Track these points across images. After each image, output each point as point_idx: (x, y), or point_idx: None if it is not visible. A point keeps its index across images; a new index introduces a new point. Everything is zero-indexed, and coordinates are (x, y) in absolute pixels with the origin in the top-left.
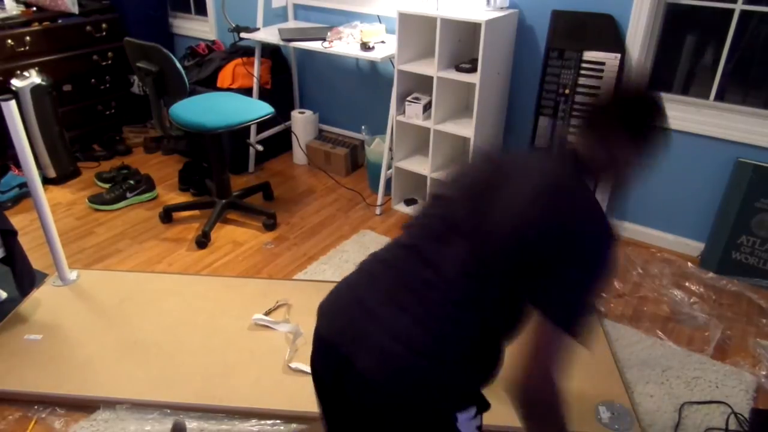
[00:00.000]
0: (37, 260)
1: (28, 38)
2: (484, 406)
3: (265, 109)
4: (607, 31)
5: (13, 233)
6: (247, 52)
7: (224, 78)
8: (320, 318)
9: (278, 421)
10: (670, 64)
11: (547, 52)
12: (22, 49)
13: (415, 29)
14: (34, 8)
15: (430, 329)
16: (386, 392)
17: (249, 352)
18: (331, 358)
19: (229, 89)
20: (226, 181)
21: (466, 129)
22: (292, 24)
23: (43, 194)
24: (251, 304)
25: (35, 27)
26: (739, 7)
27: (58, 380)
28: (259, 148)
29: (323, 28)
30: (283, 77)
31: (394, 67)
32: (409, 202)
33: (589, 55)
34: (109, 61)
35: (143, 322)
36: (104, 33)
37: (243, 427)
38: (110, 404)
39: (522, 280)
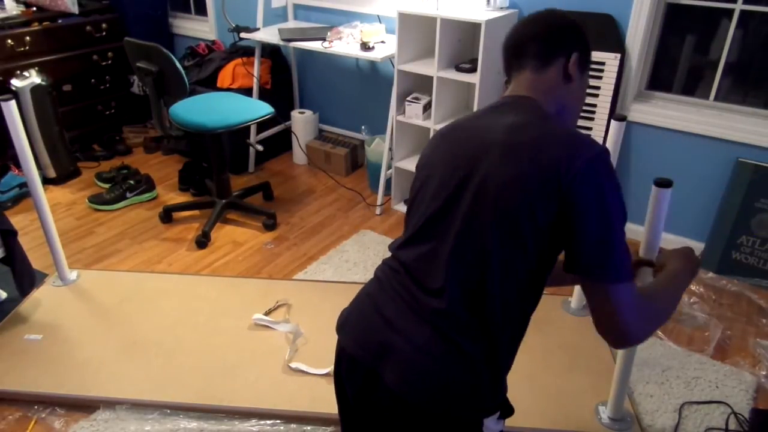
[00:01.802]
0: (37, 260)
1: (28, 38)
2: (507, 411)
3: (265, 109)
4: (607, 31)
5: (13, 233)
6: (247, 52)
7: (224, 78)
8: (342, 330)
9: (278, 421)
10: (669, 64)
11: None
12: (22, 49)
13: (415, 29)
14: (34, 8)
15: (451, 338)
16: (415, 404)
17: (249, 352)
18: (357, 372)
19: (229, 89)
20: (226, 181)
21: None
22: (292, 24)
23: (43, 194)
24: (251, 304)
25: (35, 27)
26: (739, 7)
27: (58, 380)
28: (259, 148)
29: (323, 28)
30: (283, 77)
31: (394, 67)
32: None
33: None
34: (109, 61)
35: (143, 322)
36: (104, 33)
37: (243, 427)
38: (110, 404)
39: (542, 252)
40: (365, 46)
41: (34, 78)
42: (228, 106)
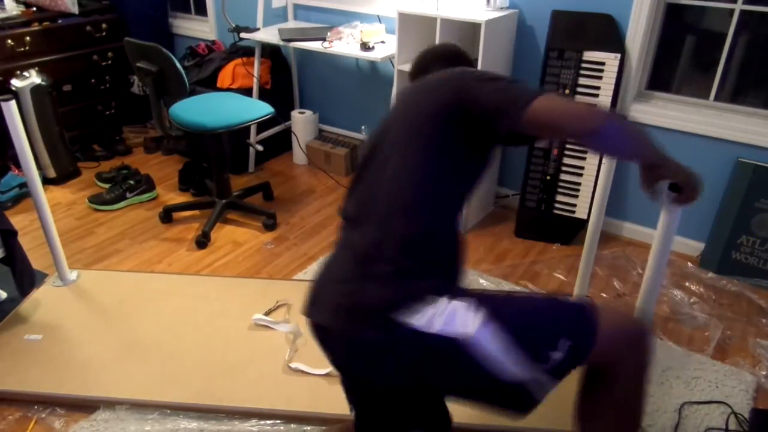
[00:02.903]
0: (37, 260)
1: (28, 38)
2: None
3: (265, 109)
4: (607, 31)
5: (13, 233)
6: (247, 52)
7: (224, 78)
8: (306, 302)
9: (278, 421)
10: (670, 64)
11: (546, 52)
12: (22, 49)
13: (415, 29)
14: (34, 8)
15: (396, 260)
16: (396, 341)
17: (249, 352)
18: (330, 340)
19: (229, 89)
20: (226, 181)
21: None
22: (292, 24)
23: (43, 194)
24: (251, 304)
25: (35, 27)
26: (739, 7)
27: (58, 380)
28: (259, 148)
29: (323, 28)
30: (283, 77)
31: (394, 67)
32: None
33: (589, 55)
34: (109, 61)
35: (143, 322)
36: (104, 33)
37: (243, 427)
38: (110, 404)
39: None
40: (365, 46)
41: (34, 78)
42: (228, 106)
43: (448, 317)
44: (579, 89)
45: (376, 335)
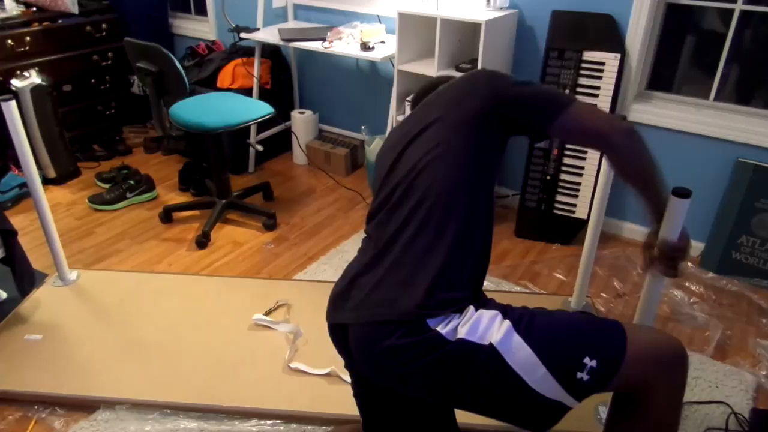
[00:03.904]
0: (37, 260)
1: (28, 38)
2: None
3: (265, 109)
4: (607, 31)
5: (13, 233)
6: (247, 52)
7: (224, 78)
8: (329, 305)
9: (278, 421)
10: (670, 64)
11: (546, 52)
12: (22, 49)
13: (415, 29)
14: (34, 8)
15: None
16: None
17: (249, 352)
18: (351, 344)
19: (229, 89)
20: (226, 181)
21: None
22: (292, 24)
23: (43, 194)
24: (251, 304)
25: (35, 27)
26: (739, 7)
27: (58, 380)
28: (259, 148)
29: (323, 28)
30: (283, 77)
31: (394, 67)
32: None
33: (589, 55)
34: (109, 61)
35: (143, 322)
36: (104, 33)
37: (243, 427)
38: (110, 404)
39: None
40: (365, 46)
41: (34, 78)
42: (228, 106)
43: (473, 325)
44: (579, 89)
45: (401, 340)
